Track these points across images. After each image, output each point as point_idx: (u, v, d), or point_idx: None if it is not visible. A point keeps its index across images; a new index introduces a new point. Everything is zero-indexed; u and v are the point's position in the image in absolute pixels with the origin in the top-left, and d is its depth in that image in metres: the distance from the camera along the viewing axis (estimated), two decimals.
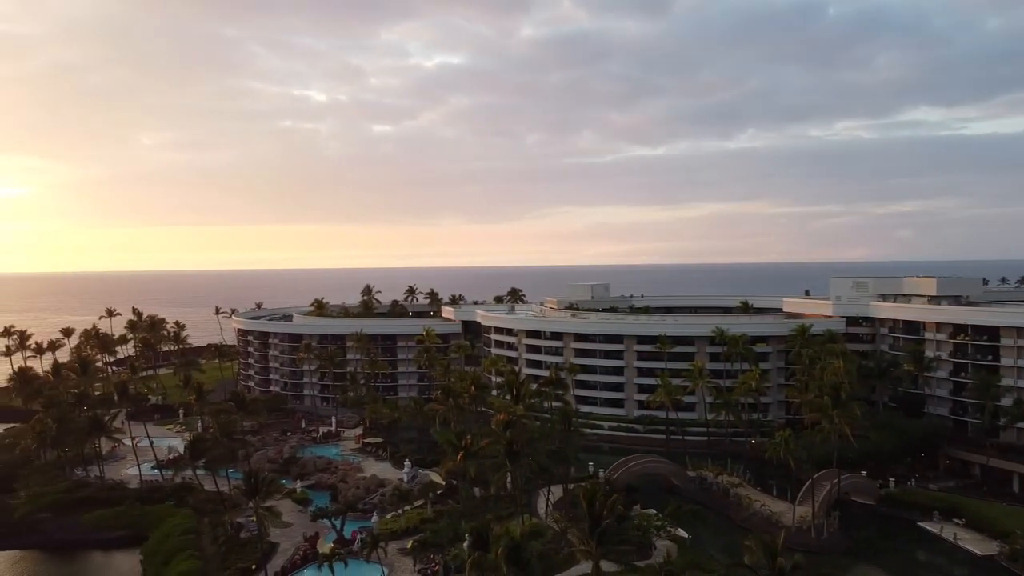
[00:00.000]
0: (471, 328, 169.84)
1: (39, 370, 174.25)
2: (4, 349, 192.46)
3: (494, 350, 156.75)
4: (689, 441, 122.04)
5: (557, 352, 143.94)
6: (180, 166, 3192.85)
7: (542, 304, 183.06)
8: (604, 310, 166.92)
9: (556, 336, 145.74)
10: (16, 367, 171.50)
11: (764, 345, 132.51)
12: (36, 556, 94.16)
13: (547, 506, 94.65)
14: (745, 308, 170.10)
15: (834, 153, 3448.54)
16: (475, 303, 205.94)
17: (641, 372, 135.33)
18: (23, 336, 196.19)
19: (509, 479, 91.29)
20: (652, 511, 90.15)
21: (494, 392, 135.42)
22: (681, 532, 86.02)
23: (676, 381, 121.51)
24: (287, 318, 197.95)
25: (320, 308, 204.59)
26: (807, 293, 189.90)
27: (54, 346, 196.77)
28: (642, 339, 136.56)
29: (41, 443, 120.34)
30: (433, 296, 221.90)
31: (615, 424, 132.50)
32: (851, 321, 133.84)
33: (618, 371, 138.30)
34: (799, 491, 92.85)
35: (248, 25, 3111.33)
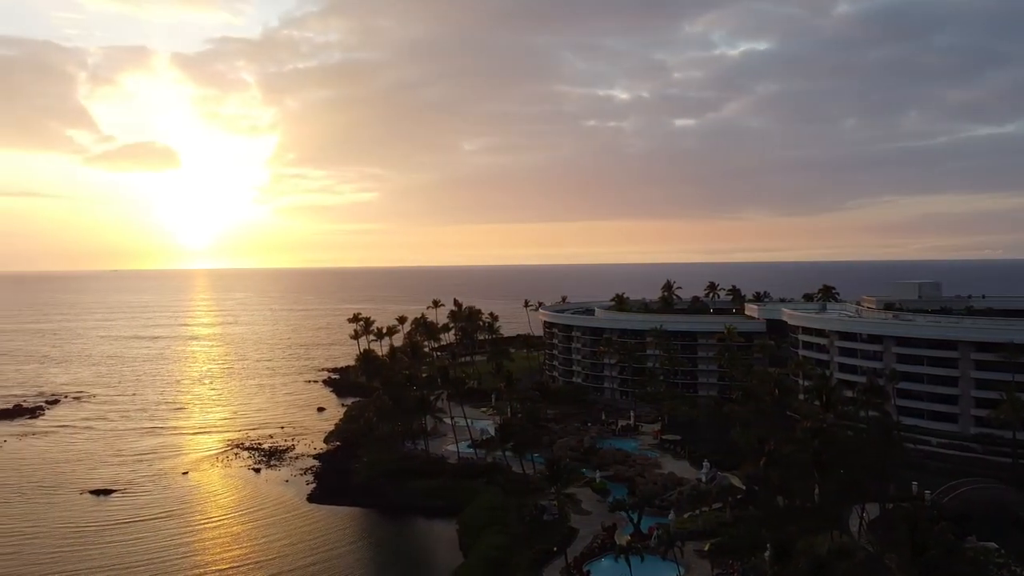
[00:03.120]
0: (776, 327, 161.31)
1: (379, 352, 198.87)
2: (352, 333, 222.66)
3: (802, 352, 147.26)
4: None
5: (875, 357, 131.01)
6: (496, 168, 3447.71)
7: (858, 303, 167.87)
8: (934, 312, 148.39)
9: (874, 339, 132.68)
10: (362, 349, 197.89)
11: None
12: (372, 515, 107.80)
13: (860, 525, 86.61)
14: None
15: None
16: (781, 301, 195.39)
17: (980, 384, 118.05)
18: (367, 322, 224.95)
19: (817, 491, 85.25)
20: (992, 545, 78.29)
21: (801, 396, 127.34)
22: None
23: None
24: (589, 312, 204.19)
25: (621, 303, 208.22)
26: None
27: (391, 332, 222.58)
28: (982, 346, 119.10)
29: (380, 417, 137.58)
30: (735, 293, 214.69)
31: (946, 441, 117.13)
32: None
33: (950, 381, 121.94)
34: None
35: (558, 32, 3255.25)
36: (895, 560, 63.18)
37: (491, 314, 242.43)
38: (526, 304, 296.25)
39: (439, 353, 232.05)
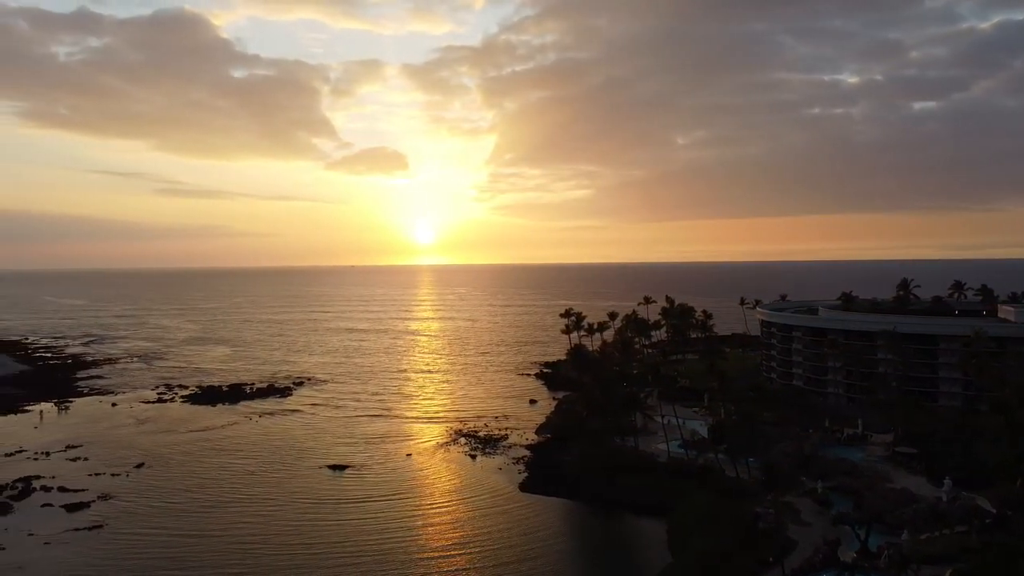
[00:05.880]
0: None
1: (590, 348, 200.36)
2: (564, 328, 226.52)
3: None
4: None
5: None
6: (710, 162, 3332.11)
7: None
8: None
9: None
10: (573, 344, 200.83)
11: None
12: (582, 508, 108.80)
13: None
14: None
15: None
16: None
17: None
18: (579, 317, 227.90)
19: None
20: None
21: None
22: None
23: None
24: (812, 311, 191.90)
25: (847, 302, 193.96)
26: None
27: (602, 327, 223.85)
28: None
29: (590, 411, 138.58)
30: (987, 292, 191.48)
31: None
32: None
33: None
34: None
35: (778, 17, 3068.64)
36: None
37: (704, 311, 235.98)
38: (742, 302, 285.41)
39: (650, 350, 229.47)
